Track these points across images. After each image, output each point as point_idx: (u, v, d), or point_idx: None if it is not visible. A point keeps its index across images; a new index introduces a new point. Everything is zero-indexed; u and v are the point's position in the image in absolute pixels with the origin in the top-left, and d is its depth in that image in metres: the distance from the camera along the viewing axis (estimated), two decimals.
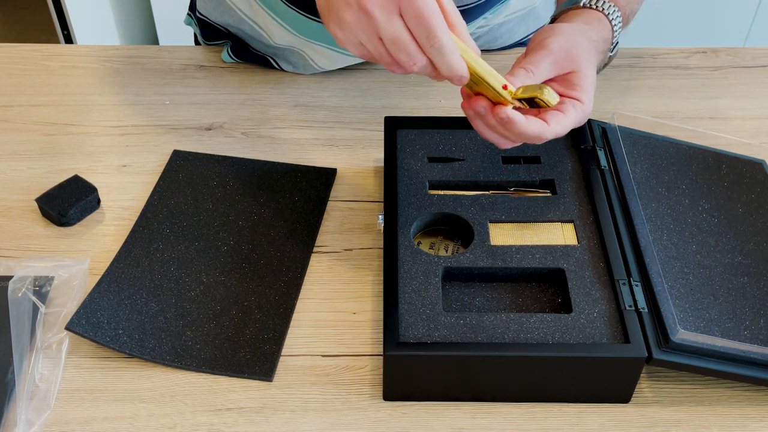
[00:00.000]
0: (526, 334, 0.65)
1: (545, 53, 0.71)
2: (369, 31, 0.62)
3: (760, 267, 0.72)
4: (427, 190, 0.78)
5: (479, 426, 0.65)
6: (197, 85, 1.01)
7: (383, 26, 0.61)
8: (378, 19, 0.61)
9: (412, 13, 0.61)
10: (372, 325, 0.72)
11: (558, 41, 0.72)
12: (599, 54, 0.76)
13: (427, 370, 0.65)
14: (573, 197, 0.77)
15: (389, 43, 0.62)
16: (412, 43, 0.62)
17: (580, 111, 0.71)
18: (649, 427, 0.65)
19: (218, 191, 0.84)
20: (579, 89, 0.71)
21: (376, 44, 0.63)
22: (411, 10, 0.61)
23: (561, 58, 0.71)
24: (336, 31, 0.64)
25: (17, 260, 0.77)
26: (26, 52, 1.06)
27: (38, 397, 0.66)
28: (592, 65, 0.73)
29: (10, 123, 0.94)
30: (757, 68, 1.05)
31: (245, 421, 0.65)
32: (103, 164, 0.89)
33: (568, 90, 0.72)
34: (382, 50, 0.63)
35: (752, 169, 0.83)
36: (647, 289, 0.68)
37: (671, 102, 0.99)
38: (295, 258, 0.77)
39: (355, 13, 0.62)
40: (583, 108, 0.71)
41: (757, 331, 0.66)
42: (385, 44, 0.62)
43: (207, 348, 0.70)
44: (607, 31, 0.78)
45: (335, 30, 0.64)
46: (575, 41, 0.73)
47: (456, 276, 0.71)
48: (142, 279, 0.75)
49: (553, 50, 0.71)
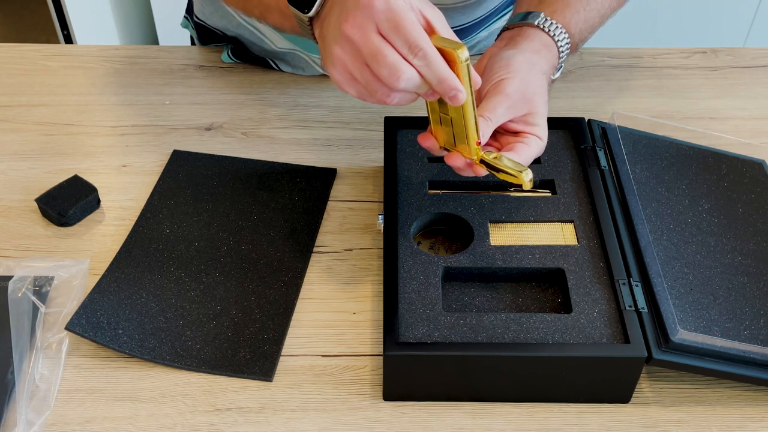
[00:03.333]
0: (526, 334, 0.65)
1: (502, 98, 0.71)
2: (354, 57, 0.62)
3: (760, 267, 0.72)
4: (427, 190, 0.78)
5: (479, 426, 0.65)
6: (197, 85, 1.01)
7: (363, 45, 0.60)
8: (357, 40, 0.60)
9: (389, 27, 0.60)
10: (372, 325, 0.72)
11: (513, 84, 0.72)
12: (548, 82, 0.77)
13: (427, 370, 0.65)
14: (573, 197, 0.77)
15: (371, 60, 0.60)
16: (394, 54, 0.60)
17: (537, 145, 0.73)
18: (649, 427, 0.65)
19: (218, 191, 0.84)
20: (537, 127, 0.73)
21: (361, 69, 0.62)
22: (387, 23, 0.60)
23: (517, 101, 0.72)
24: (332, 71, 0.64)
25: (17, 260, 0.77)
26: (26, 52, 1.06)
27: (38, 397, 0.66)
28: (545, 101, 0.75)
29: (10, 123, 0.94)
30: (757, 68, 1.05)
31: (245, 421, 0.65)
32: (103, 164, 0.89)
33: (527, 127, 0.73)
34: (368, 74, 0.61)
35: (752, 169, 0.83)
36: (647, 289, 0.68)
37: (671, 102, 0.99)
38: (295, 258, 0.77)
39: (340, 44, 0.61)
40: (540, 144, 0.73)
41: (757, 331, 0.66)
42: (368, 63, 0.61)
43: (207, 348, 0.70)
44: (555, 59, 0.78)
45: (332, 71, 0.64)
46: (529, 81, 0.73)
47: (456, 276, 0.71)
48: (142, 279, 0.75)
49: (509, 95, 0.71)
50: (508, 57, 0.74)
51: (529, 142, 0.72)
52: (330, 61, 0.64)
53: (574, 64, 1.04)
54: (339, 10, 0.63)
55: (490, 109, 0.71)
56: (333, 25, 0.63)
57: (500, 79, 0.73)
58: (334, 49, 0.62)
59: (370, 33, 0.60)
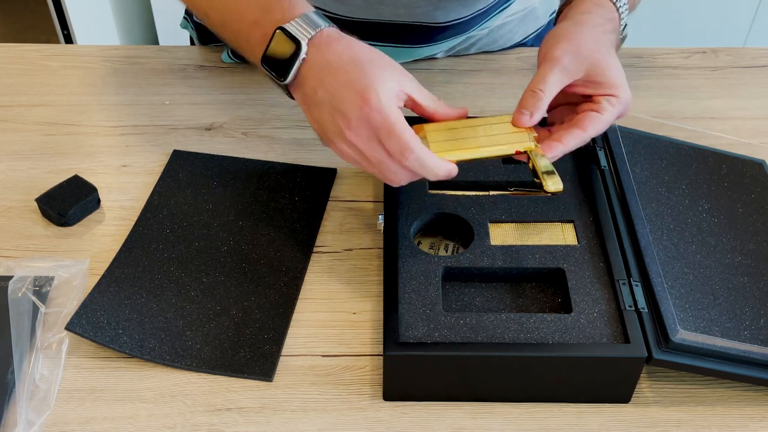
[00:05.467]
0: (526, 334, 0.65)
1: (551, 64, 0.70)
2: (359, 156, 0.69)
3: (760, 267, 0.72)
4: (427, 190, 0.78)
5: (479, 426, 0.65)
6: (197, 85, 1.00)
7: (367, 152, 0.68)
8: (362, 148, 0.67)
9: (383, 135, 0.66)
10: (372, 325, 0.72)
11: (562, 47, 0.70)
12: (609, 35, 0.74)
13: (427, 370, 0.65)
14: (573, 197, 0.77)
15: (375, 165, 0.68)
16: (394, 164, 0.67)
17: (617, 105, 0.71)
18: (649, 427, 0.65)
19: (218, 191, 0.84)
20: (607, 85, 0.71)
21: (367, 164, 0.69)
22: (381, 132, 0.66)
23: (570, 63, 0.70)
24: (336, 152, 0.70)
25: (17, 260, 0.77)
26: (26, 52, 1.06)
27: (38, 397, 0.66)
28: (608, 52, 0.72)
29: (10, 123, 0.94)
30: (757, 68, 1.05)
31: (245, 421, 0.65)
32: (103, 164, 0.89)
33: (598, 90, 0.71)
34: (374, 169, 0.69)
35: (752, 169, 0.83)
36: (647, 289, 0.68)
37: (671, 102, 0.99)
38: (295, 258, 0.77)
39: (347, 143, 0.68)
40: (619, 100, 0.71)
41: (757, 331, 0.66)
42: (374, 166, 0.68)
43: (207, 348, 0.70)
44: (611, 12, 0.75)
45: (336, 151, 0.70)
46: (580, 38, 0.71)
47: (456, 276, 0.71)
48: (142, 279, 0.75)
49: (557, 58, 0.70)
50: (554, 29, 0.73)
51: (602, 108, 0.70)
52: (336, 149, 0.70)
53: None
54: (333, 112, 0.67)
55: (540, 81, 0.70)
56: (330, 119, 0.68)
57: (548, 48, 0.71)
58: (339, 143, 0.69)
59: (373, 142, 0.67)
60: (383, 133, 0.66)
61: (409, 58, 1.02)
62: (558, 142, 0.70)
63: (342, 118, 0.67)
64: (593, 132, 0.70)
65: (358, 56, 0.68)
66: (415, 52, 1.01)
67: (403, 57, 1.02)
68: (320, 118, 0.69)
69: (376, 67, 0.67)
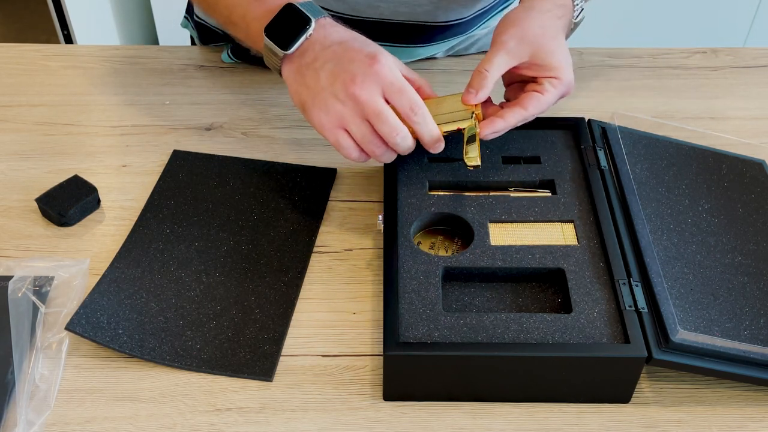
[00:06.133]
0: (526, 334, 0.65)
1: (497, 48, 0.76)
2: (355, 114, 0.71)
3: (760, 267, 0.72)
4: (427, 190, 0.78)
5: (479, 426, 0.65)
6: (197, 85, 1.00)
7: (369, 104, 0.70)
8: (364, 99, 0.70)
9: (394, 90, 0.71)
10: (372, 325, 0.72)
11: (509, 31, 0.76)
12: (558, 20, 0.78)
13: (427, 370, 0.65)
14: (573, 197, 0.77)
15: (374, 117, 0.70)
16: (394, 116, 0.71)
17: (558, 86, 0.76)
18: (649, 427, 0.65)
19: (218, 191, 0.84)
20: (549, 68, 0.76)
21: (359, 125, 0.71)
22: (393, 87, 0.71)
23: (515, 46, 0.75)
24: (321, 116, 0.72)
25: (17, 260, 0.77)
26: (26, 52, 1.06)
27: (38, 397, 0.66)
28: (554, 37, 0.76)
29: (10, 123, 0.94)
30: (757, 68, 1.05)
31: (245, 421, 0.65)
32: (103, 164, 0.89)
33: (541, 72, 0.76)
34: (366, 129, 0.71)
35: (752, 169, 0.83)
36: (647, 289, 0.68)
37: (671, 102, 0.99)
38: (295, 258, 0.77)
39: (342, 100, 0.71)
40: (561, 82, 0.76)
41: (757, 331, 0.66)
42: (370, 119, 0.71)
43: (207, 348, 0.70)
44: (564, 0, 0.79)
45: (320, 115, 0.72)
46: (527, 24, 0.76)
47: (456, 276, 0.71)
48: (142, 279, 0.75)
49: (503, 42, 0.76)
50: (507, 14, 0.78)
51: (544, 89, 0.75)
52: (324, 110, 0.72)
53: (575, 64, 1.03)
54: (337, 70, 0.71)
55: (484, 62, 0.75)
56: (330, 81, 0.71)
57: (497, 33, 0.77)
58: (332, 102, 0.71)
59: (376, 96, 0.70)
60: (394, 89, 0.71)
61: (410, 58, 1.02)
62: (500, 119, 0.75)
63: (347, 75, 0.70)
64: (534, 111, 0.75)
65: (358, 36, 0.75)
66: (415, 52, 1.01)
67: (403, 57, 1.02)
68: (314, 82, 0.72)
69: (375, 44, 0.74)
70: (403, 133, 0.72)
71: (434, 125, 0.73)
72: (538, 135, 0.84)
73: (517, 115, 0.75)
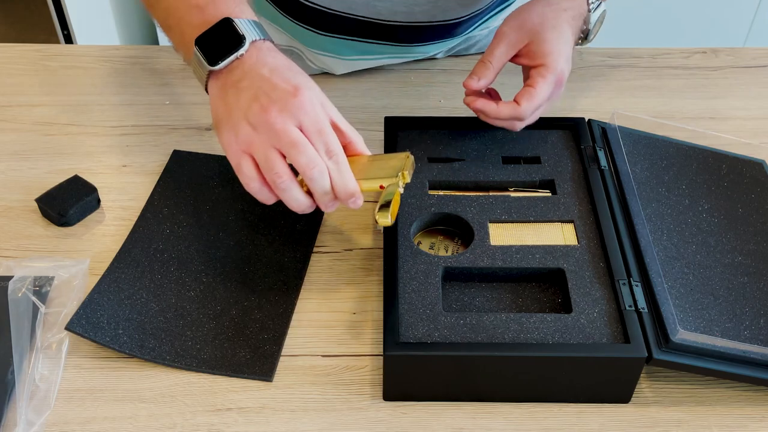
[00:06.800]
0: (526, 334, 0.65)
1: (498, 39, 0.78)
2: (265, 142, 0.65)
3: (760, 267, 0.72)
4: (427, 190, 0.78)
5: (479, 426, 0.65)
6: (197, 85, 1.00)
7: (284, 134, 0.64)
8: (279, 128, 0.64)
9: (312, 128, 0.66)
10: (372, 325, 0.72)
11: (509, 23, 0.78)
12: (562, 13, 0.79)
13: (427, 370, 0.65)
14: (573, 197, 0.77)
15: (289, 147, 0.65)
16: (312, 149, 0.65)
17: (547, 74, 0.76)
18: (649, 427, 0.65)
19: (218, 191, 0.84)
20: (539, 54, 0.77)
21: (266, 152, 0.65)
22: (311, 124, 0.66)
23: (514, 37, 0.77)
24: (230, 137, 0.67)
25: (17, 260, 0.77)
26: (26, 52, 1.06)
27: (38, 397, 0.66)
28: (552, 28, 0.77)
29: (10, 123, 0.94)
30: (757, 68, 1.05)
31: (245, 421, 0.65)
32: (103, 164, 0.89)
33: (532, 59, 0.77)
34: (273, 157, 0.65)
35: (752, 169, 0.83)
36: (647, 289, 0.68)
37: (671, 102, 0.99)
38: (295, 258, 0.77)
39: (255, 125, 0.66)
40: (548, 68, 0.76)
41: (757, 331, 0.66)
42: (284, 150, 0.65)
43: (207, 348, 0.70)
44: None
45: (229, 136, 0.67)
46: (527, 15, 0.78)
47: (456, 276, 0.71)
48: (142, 279, 0.75)
49: (505, 32, 0.78)
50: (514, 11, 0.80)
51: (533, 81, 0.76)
52: (234, 132, 0.67)
53: (575, 64, 1.04)
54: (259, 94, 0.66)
55: (488, 53, 0.77)
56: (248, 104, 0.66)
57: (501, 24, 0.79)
58: (243, 126, 0.66)
59: (293, 127, 0.65)
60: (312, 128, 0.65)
61: (408, 57, 1.02)
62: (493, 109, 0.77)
63: (266, 100, 0.66)
64: (526, 105, 0.76)
65: (294, 66, 0.70)
66: (413, 52, 1.01)
67: (401, 57, 1.02)
68: (234, 101, 0.68)
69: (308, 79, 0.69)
70: (321, 167, 0.65)
71: (351, 177, 0.67)
72: (538, 135, 0.84)
73: (511, 109, 0.76)
